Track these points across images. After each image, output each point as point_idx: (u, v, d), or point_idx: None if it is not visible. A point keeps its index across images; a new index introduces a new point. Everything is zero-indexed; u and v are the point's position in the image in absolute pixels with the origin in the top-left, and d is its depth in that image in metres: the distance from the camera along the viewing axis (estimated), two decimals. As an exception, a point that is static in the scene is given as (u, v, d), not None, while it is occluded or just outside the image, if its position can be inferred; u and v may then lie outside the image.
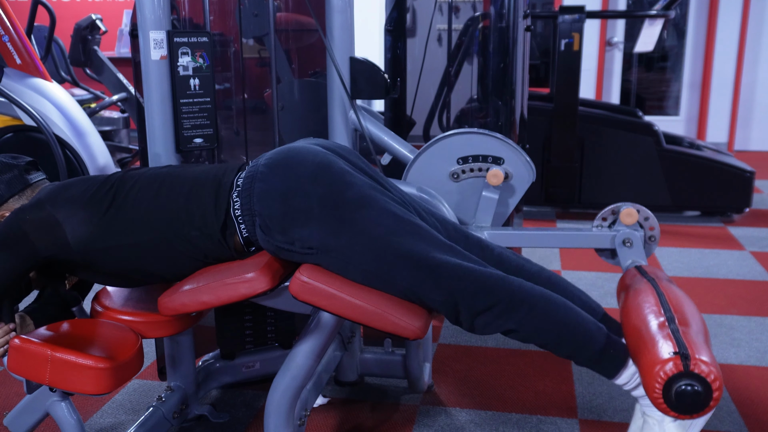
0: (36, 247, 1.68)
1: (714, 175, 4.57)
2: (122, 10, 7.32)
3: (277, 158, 1.69)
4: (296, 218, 1.62)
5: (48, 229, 1.68)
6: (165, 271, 1.77)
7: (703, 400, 1.41)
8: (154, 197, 1.71)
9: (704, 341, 1.50)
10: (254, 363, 2.45)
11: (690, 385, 1.40)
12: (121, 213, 1.70)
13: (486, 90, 3.18)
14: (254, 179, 1.67)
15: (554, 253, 4.00)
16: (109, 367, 1.63)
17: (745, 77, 6.79)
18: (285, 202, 1.63)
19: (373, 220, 1.62)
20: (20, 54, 3.67)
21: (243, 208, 1.67)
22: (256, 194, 1.65)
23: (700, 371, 1.40)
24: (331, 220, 1.61)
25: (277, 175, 1.65)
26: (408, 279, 1.61)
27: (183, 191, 1.71)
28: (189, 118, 2.04)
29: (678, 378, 1.41)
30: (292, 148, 1.71)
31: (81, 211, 1.70)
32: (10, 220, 1.70)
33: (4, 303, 1.71)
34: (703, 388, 1.40)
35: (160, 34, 1.94)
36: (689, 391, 1.40)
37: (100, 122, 5.04)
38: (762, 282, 3.53)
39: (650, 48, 5.04)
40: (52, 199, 1.72)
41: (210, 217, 1.69)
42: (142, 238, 1.70)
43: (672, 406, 1.42)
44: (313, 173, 1.63)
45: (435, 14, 3.22)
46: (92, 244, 1.70)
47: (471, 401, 2.43)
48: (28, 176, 1.82)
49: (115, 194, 1.72)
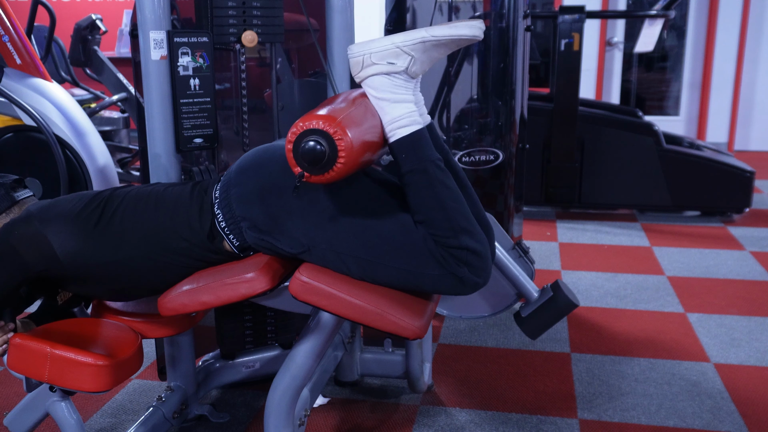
0: (26, 262, 1.69)
1: (714, 175, 4.57)
2: (122, 10, 7.32)
3: (247, 161, 1.72)
4: (278, 215, 1.64)
5: (36, 245, 1.69)
6: (159, 284, 1.77)
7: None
8: (141, 214, 1.73)
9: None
10: (254, 363, 2.45)
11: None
12: (109, 229, 1.71)
13: (486, 90, 3.18)
14: (229, 186, 1.69)
15: (554, 253, 4.00)
16: (108, 364, 1.64)
17: (745, 77, 6.79)
18: (263, 201, 1.65)
19: (350, 204, 1.63)
20: (20, 54, 3.66)
21: (226, 218, 1.69)
22: (234, 200, 1.67)
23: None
24: (311, 210, 1.62)
25: (249, 177, 1.68)
26: (396, 260, 1.61)
27: (168, 208, 1.73)
28: (189, 118, 2.04)
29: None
30: (260, 149, 1.75)
31: (70, 227, 1.70)
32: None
33: (5, 311, 1.71)
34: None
35: (160, 34, 1.94)
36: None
37: (100, 122, 5.04)
38: (762, 282, 3.53)
39: (650, 48, 5.04)
40: (41, 214, 1.72)
41: (196, 230, 1.71)
42: (129, 253, 1.71)
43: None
44: (283, 167, 1.63)
45: (435, 14, 3.22)
46: (81, 259, 1.71)
47: (471, 401, 2.43)
48: (15, 194, 1.82)
49: (103, 211, 1.73)
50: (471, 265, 1.60)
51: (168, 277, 1.75)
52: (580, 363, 2.70)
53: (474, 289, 1.63)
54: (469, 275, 1.61)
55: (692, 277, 3.62)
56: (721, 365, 2.67)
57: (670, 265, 3.79)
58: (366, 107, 1.63)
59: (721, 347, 2.81)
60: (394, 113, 1.62)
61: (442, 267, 1.60)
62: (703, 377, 2.58)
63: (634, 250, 4.05)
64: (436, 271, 1.60)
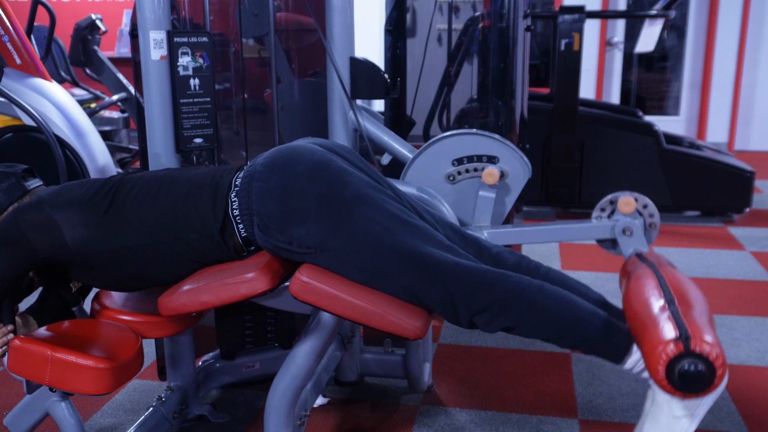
0: (34, 248, 1.68)
1: (714, 175, 4.57)
2: (122, 10, 7.32)
3: (275, 157, 1.69)
4: (294, 217, 1.63)
5: (46, 230, 1.68)
6: (163, 275, 1.77)
7: (707, 379, 1.43)
8: (152, 200, 1.71)
9: (707, 322, 1.52)
10: (254, 363, 2.45)
11: (693, 365, 1.42)
12: (119, 216, 1.70)
13: (486, 90, 3.18)
14: (252, 178, 1.67)
15: (554, 253, 4.00)
16: (109, 367, 1.63)
17: (745, 77, 6.79)
18: (283, 201, 1.63)
19: (371, 218, 1.62)
20: (20, 54, 3.67)
21: (241, 207, 1.67)
22: (254, 193, 1.66)
23: (701, 350, 1.42)
24: (329, 219, 1.61)
25: (274, 174, 1.66)
26: (405, 277, 1.61)
27: (180, 193, 1.72)
28: (189, 118, 2.04)
29: (680, 358, 1.43)
30: (290, 147, 1.72)
31: (80, 213, 1.70)
32: (9, 219, 1.70)
33: (4, 303, 1.71)
34: (706, 367, 1.42)
35: (160, 34, 1.94)
36: (692, 370, 1.42)
37: (100, 122, 5.04)
38: (762, 282, 3.53)
39: (651, 48, 5.04)
40: (51, 200, 1.72)
41: (208, 219, 1.69)
42: (140, 241, 1.70)
43: (676, 386, 1.44)
44: (311, 171, 1.63)
45: (435, 14, 3.22)
46: (90, 246, 1.70)
47: (471, 401, 2.43)
48: (26, 183, 1.82)
49: (114, 197, 1.72)
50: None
51: (173, 270, 1.75)
52: (580, 363, 2.70)
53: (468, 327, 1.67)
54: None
55: (692, 277, 3.62)
56: (721, 365, 2.67)
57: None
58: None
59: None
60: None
61: (443, 302, 1.62)
62: (703, 377, 2.58)
63: (634, 250, 4.05)
64: (438, 296, 1.62)
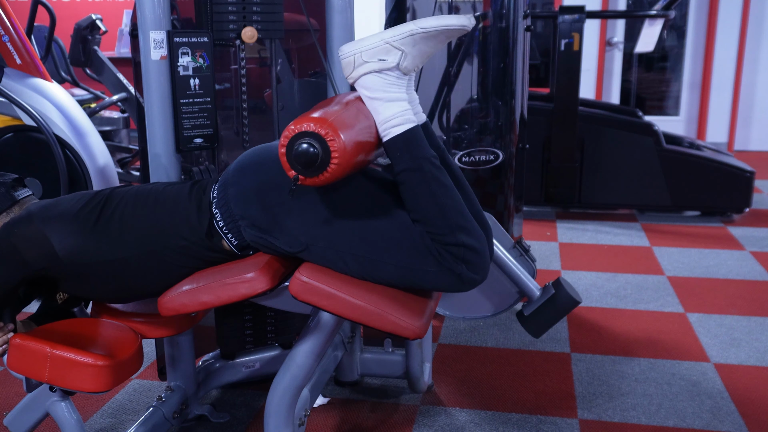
0: (26, 260, 1.69)
1: (714, 175, 4.57)
2: (122, 10, 7.32)
3: (245, 160, 1.72)
4: (276, 212, 1.64)
5: (37, 243, 1.69)
6: (155, 285, 1.77)
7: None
8: (140, 212, 1.73)
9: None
10: (254, 363, 2.45)
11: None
12: (108, 227, 1.72)
13: (486, 90, 3.18)
14: (227, 186, 1.70)
15: (554, 253, 4.00)
16: (108, 364, 1.64)
17: (745, 77, 6.79)
18: (261, 200, 1.65)
19: (348, 202, 1.63)
20: (20, 54, 3.66)
21: (224, 218, 1.69)
22: (232, 199, 1.67)
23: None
24: (309, 207, 1.63)
25: (247, 176, 1.68)
26: (393, 254, 1.61)
27: (167, 206, 1.73)
28: (189, 118, 2.04)
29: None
30: (258, 148, 1.76)
31: (70, 225, 1.71)
32: (0, 234, 1.71)
33: (5, 311, 1.71)
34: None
35: (160, 34, 1.94)
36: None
37: (100, 122, 5.04)
38: (762, 282, 3.53)
39: (651, 48, 5.04)
40: (41, 213, 1.73)
41: (195, 228, 1.71)
42: (130, 252, 1.71)
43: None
44: (282, 165, 1.64)
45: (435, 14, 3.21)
46: (82, 257, 1.71)
47: (471, 401, 2.43)
48: (15, 193, 1.83)
49: (102, 209, 1.73)
50: (468, 262, 1.60)
51: (168, 277, 1.75)
52: (580, 363, 2.70)
53: (472, 285, 1.63)
54: (467, 272, 1.60)
55: (692, 277, 3.62)
56: (721, 365, 2.67)
57: (670, 265, 3.79)
58: (359, 108, 1.63)
59: (721, 347, 2.81)
60: (387, 113, 1.62)
61: (440, 264, 1.60)
62: (703, 377, 2.58)
63: (634, 250, 4.05)
64: (434, 267, 1.60)
